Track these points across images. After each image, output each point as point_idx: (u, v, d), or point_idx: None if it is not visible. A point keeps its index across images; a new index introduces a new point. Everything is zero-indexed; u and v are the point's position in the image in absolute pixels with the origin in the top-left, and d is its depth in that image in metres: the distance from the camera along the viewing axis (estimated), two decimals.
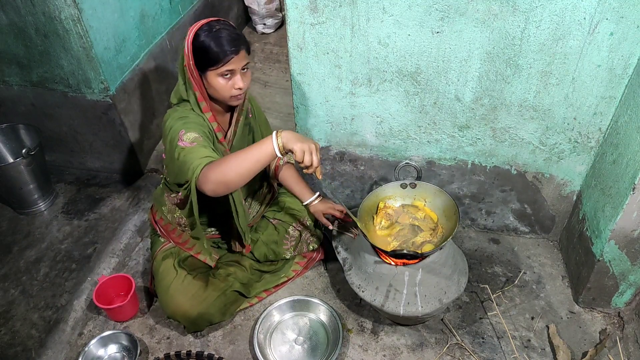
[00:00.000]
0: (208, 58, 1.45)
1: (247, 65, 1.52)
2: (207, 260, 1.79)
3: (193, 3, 2.77)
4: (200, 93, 1.53)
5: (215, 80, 1.49)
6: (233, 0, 3.47)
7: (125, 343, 1.74)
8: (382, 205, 1.76)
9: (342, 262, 1.77)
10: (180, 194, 1.68)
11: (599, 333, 1.74)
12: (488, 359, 1.68)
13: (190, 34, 1.46)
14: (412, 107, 1.74)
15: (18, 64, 2.09)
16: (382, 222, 1.74)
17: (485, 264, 1.99)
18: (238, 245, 1.86)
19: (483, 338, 1.74)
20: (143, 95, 2.34)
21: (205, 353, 1.69)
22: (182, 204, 1.73)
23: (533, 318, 1.80)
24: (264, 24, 3.55)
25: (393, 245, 1.66)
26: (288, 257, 1.92)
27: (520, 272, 1.95)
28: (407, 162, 1.75)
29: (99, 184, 2.41)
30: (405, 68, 1.63)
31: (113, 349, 1.74)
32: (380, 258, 1.65)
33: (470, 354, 1.69)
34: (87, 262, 2.02)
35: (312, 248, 1.96)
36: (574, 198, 1.90)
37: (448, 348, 1.71)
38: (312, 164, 1.37)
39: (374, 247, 1.64)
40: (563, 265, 1.98)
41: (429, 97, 1.69)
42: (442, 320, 1.80)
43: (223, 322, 1.80)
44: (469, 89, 1.64)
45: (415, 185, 1.76)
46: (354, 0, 1.51)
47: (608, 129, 1.65)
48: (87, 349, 1.70)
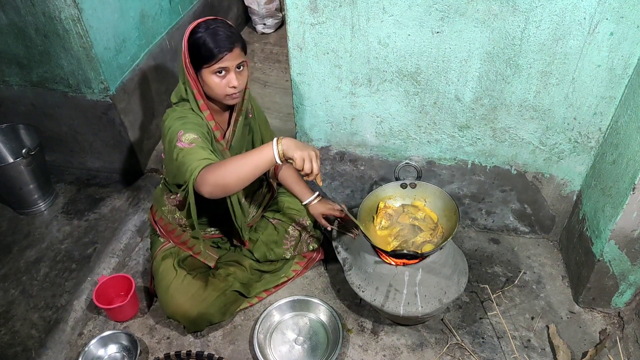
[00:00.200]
0: (202, 55, 1.45)
1: (242, 64, 1.51)
2: (206, 261, 1.80)
3: (193, 3, 2.77)
4: (198, 91, 1.54)
5: (210, 78, 1.49)
6: (233, 0, 3.47)
7: (125, 343, 1.74)
8: (382, 205, 1.76)
9: (342, 262, 1.77)
10: (179, 195, 1.68)
11: (599, 333, 1.74)
12: (488, 359, 1.68)
13: (187, 32, 1.47)
14: (412, 107, 1.74)
15: (18, 64, 2.09)
16: (382, 222, 1.74)
17: (485, 264, 1.99)
18: (239, 242, 1.88)
19: (483, 338, 1.74)
20: (143, 95, 2.34)
21: (205, 353, 1.69)
22: (181, 205, 1.74)
23: (533, 318, 1.80)
24: (264, 24, 3.55)
25: (393, 245, 1.66)
26: (288, 257, 1.92)
27: (520, 272, 1.95)
28: (407, 162, 1.75)
29: (99, 184, 2.41)
30: (405, 68, 1.63)
31: (113, 349, 1.74)
32: (380, 258, 1.65)
33: (470, 354, 1.69)
34: (87, 262, 2.02)
35: (312, 248, 1.96)
36: (574, 198, 1.90)
37: (448, 348, 1.71)
38: (312, 172, 1.37)
39: (374, 247, 1.64)
40: (563, 265, 1.98)
41: (429, 97, 1.69)
42: (442, 320, 1.80)
43: (223, 322, 1.80)
44: (469, 89, 1.64)
45: (415, 185, 1.76)
46: (354, 0, 1.51)
47: (608, 129, 1.65)
48: (87, 349, 1.70)
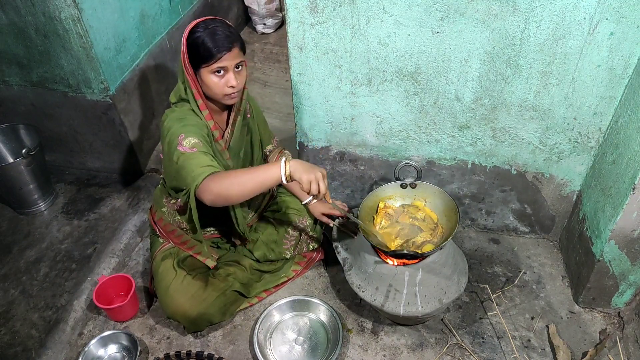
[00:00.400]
0: (200, 55, 1.45)
1: (241, 64, 1.52)
2: (206, 262, 1.79)
3: (193, 3, 2.77)
4: (197, 91, 1.54)
5: (208, 78, 1.49)
6: (233, 0, 3.47)
7: (125, 343, 1.74)
8: (382, 206, 1.76)
9: (342, 262, 1.77)
10: (180, 201, 1.68)
11: (599, 333, 1.74)
12: (488, 359, 1.68)
13: (186, 31, 1.47)
14: (412, 107, 1.74)
15: (18, 64, 2.09)
16: (382, 222, 1.74)
17: (485, 264, 1.99)
18: (238, 240, 1.89)
19: (483, 338, 1.74)
20: (143, 95, 2.34)
21: (205, 353, 1.69)
22: (182, 210, 1.74)
23: (533, 318, 1.80)
24: (264, 24, 3.55)
25: (397, 243, 1.66)
26: (288, 256, 1.92)
27: (520, 272, 1.95)
28: (407, 162, 1.75)
29: (99, 184, 2.41)
30: (405, 68, 1.63)
31: (113, 349, 1.74)
32: (380, 258, 1.65)
33: (470, 354, 1.69)
34: (87, 262, 2.02)
35: (312, 248, 1.96)
36: (574, 198, 1.90)
37: (448, 348, 1.71)
38: (319, 193, 1.41)
39: (374, 247, 1.64)
40: (563, 265, 1.98)
41: (429, 97, 1.69)
42: (442, 320, 1.80)
43: (223, 322, 1.80)
44: (469, 89, 1.64)
45: (415, 185, 1.76)
46: (354, 0, 1.51)
47: (608, 129, 1.65)
48: (87, 349, 1.70)
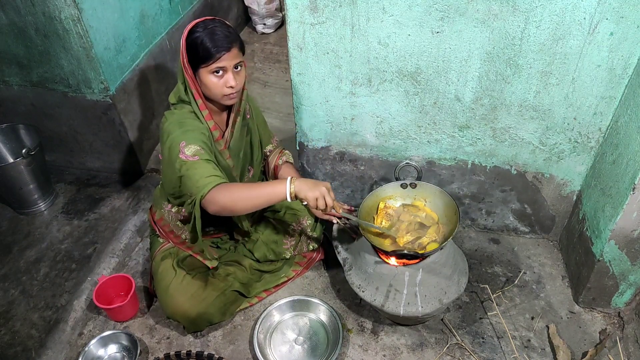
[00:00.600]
0: (199, 55, 1.45)
1: (240, 64, 1.52)
2: (207, 262, 1.79)
3: (193, 3, 2.77)
4: (196, 91, 1.54)
5: (207, 78, 1.49)
6: (233, 0, 3.47)
7: (125, 343, 1.74)
8: (382, 206, 1.76)
9: (342, 262, 1.77)
10: (185, 210, 1.70)
11: (599, 333, 1.74)
12: (488, 359, 1.68)
13: (185, 31, 1.47)
14: (412, 107, 1.74)
15: (18, 64, 2.09)
16: (382, 222, 1.74)
17: (485, 264, 1.99)
18: (240, 236, 1.90)
19: (483, 338, 1.74)
20: (143, 95, 2.34)
21: (205, 353, 1.69)
22: (186, 220, 1.75)
23: (533, 318, 1.80)
24: (264, 24, 3.55)
25: (407, 240, 1.65)
26: (288, 256, 1.92)
27: (520, 272, 1.95)
28: (407, 162, 1.75)
29: (99, 184, 2.41)
30: (405, 68, 1.63)
31: (113, 349, 1.74)
32: (381, 258, 1.65)
33: (470, 354, 1.69)
34: (87, 262, 2.02)
35: (312, 248, 1.95)
36: (574, 198, 1.90)
37: (448, 348, 1.71)
38: (327, 206, 1.44)
39: (374, 247, 1.64)
40: (563, 265, 1.98)
41: (429, 97, 1.69)
42: (442, 320, 1.80)
43: (223, 322, 1.80)
44: (469, 89, 1.64)
45: (416, 185, 1.76)
46: (354, 0, 1.51)
47: (608, 129, 1.65)
48: (87, 349, 1.70)
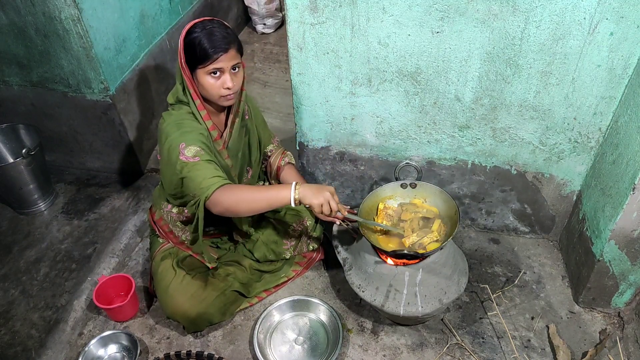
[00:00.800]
0: (197, 55, 1.45)
1: (238, 65, 1.52)
2: (206, 262, 1.79)
3: (193, 3, 2.77)
4: (194, 91, 1.54)
5: (205, 79, 1.49)
6: (233, 0, 3.47)
7: (125, 343, 1.74)
8: (382, 206, 1.76)
9: (342, 262, 1.77)
10: (187, 212, 1.70)
11: (599, 333, 1.74)
12: (488, 359, 1.68)
13: (184, 32, 1.47)
14: (412, 107, 1.74)
15: (18, 64, 2.09)
16: (383, 222, 1.73)
17: (485, 264, 1.99)
18: (239, 236, 1.89)
19: (483, 338, 1.74)
20: (143, 95, 2.34)
21: (205, 353, 1.69)
22: (188, 221, 1.75)
23: (533, 318, 1.80)
24: (264, 24, 3.55)
25: (410, 240, 1.65)
26: (288, 257, 1.92)
27: (520, 272, 1.95)
28: (407, 162, 1.75)
29: (99, 184, 2.41)
30: (405, 68, 1.63)
31: (113, 349, 1.74)
32: (381, 258, 1.65)
33: (470, 354, 1.69)
34: (87, 262, 2.02)
35: (312, 248, 1.95)
36: (574, 198, 1.90)
37: (448, 348, 1.71)
38: (332, 211, 1.46)
39: (374, 247, 1.64)
40: (563, 265, 1.98)
41: (429, 97, 1.69)
42: (442, 320, 1.80)
43: (223, 322, 1.80)
44: (469, 89, 1.64)
45: (416, 185, 1.76)
46: (354, 0, 1.51)
47: (608, 129, 1.65)
48: (87, 349, 1.70)
